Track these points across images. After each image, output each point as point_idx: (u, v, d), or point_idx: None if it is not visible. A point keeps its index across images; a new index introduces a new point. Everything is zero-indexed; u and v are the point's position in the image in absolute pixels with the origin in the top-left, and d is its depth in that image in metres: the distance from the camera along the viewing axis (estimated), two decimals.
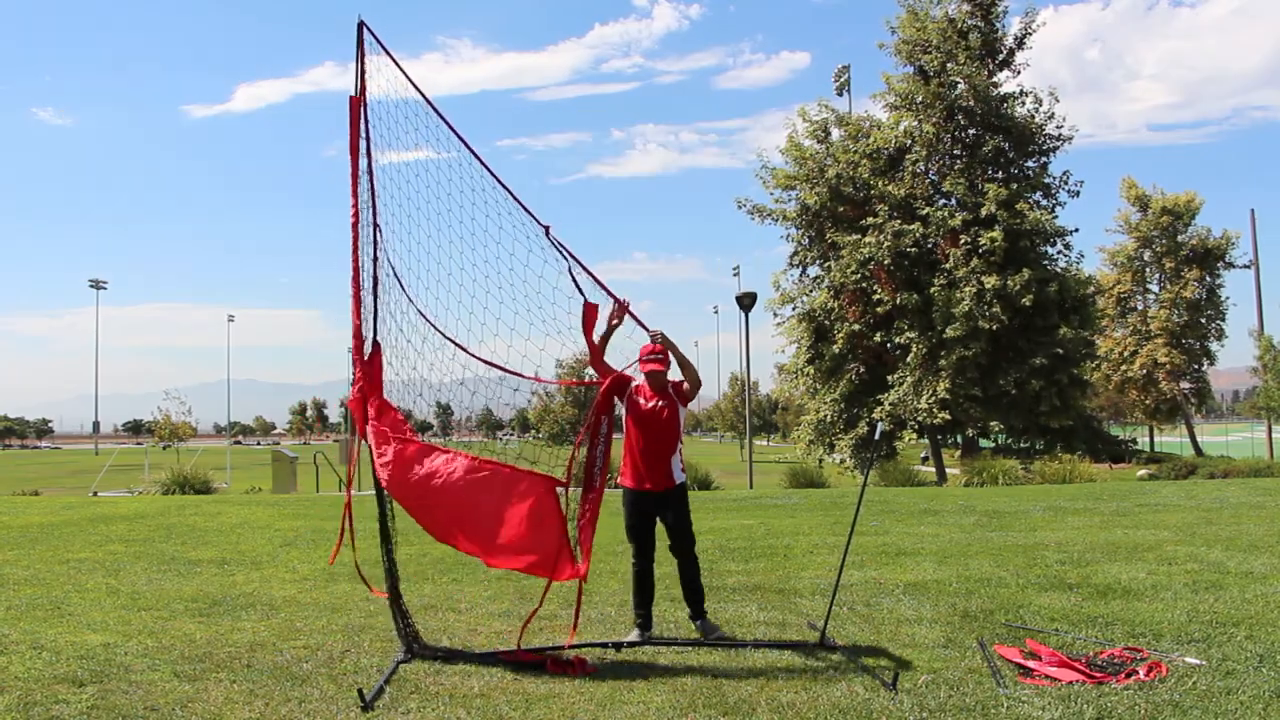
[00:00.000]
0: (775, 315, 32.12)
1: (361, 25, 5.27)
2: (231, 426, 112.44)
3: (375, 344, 5.72)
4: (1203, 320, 43.89)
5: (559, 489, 5.29)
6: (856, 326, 29.10)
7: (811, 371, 30.74)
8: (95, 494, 24.36)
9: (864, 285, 28.78)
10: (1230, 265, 43.27)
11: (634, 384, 6.03)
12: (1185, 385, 45.03)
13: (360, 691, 4.66)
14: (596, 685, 4.98)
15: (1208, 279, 43.35)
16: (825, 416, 30.32)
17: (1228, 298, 43.92)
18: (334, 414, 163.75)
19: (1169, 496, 14.66)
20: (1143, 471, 26.19)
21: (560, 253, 5.75)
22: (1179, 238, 43.72)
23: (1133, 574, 7.86)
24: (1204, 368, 45.32)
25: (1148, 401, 45.35)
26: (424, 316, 5.91)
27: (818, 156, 30.12)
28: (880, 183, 29.05)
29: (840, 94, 35.26)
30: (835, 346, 29.66)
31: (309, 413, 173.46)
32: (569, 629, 6.30)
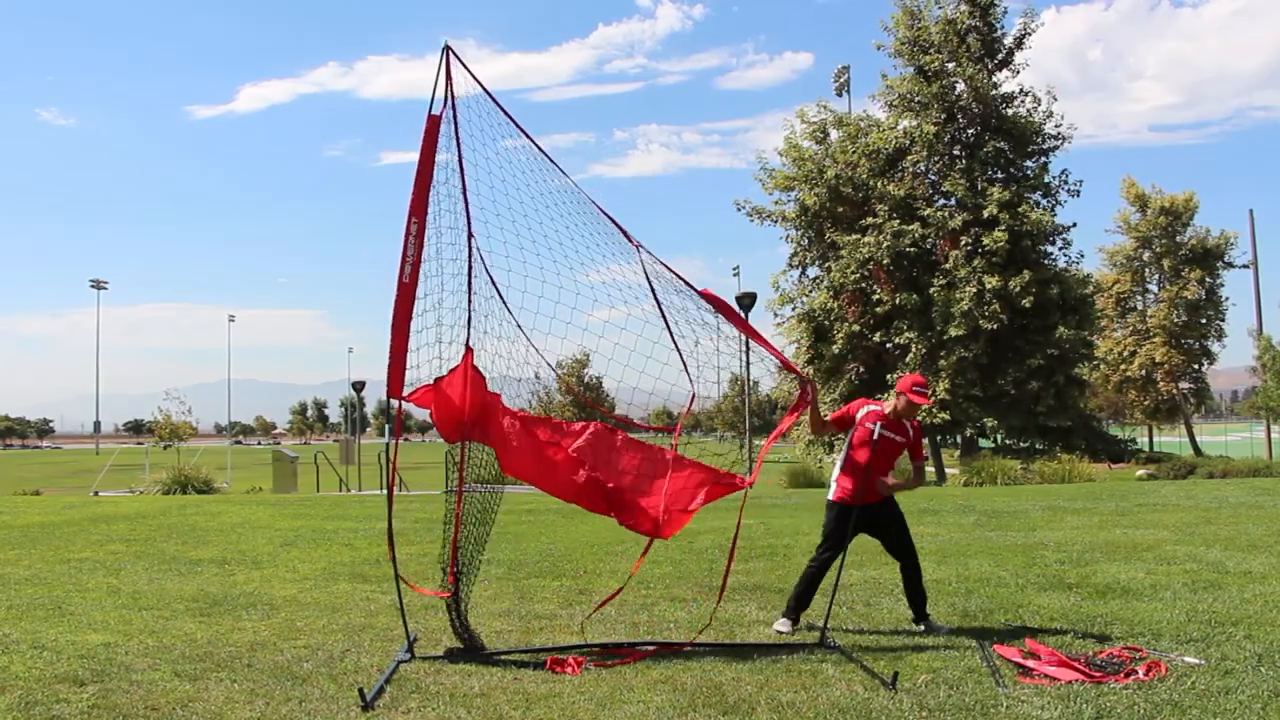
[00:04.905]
0: (775, 316, 32.17)
1: (446, 48, 5.48)
2: (232, 426, 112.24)
3: (467, 348, 5.81)
4: (1202, 320, 43.84)
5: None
6: (856, 327, 29.10)
7: (811, 372, 30.75)
8: (96, 494, 24.33)
9: (863, 285, 28.78)
10: (1229, 265, 43.25)
11: (866, 409, 6.56)
12: (1184, 385, 45.02)
13: (361, 691, 4.66)
14: (596, 685, 4.98)
15: (1207, 279, 43.31)
16: (825, 417, 30.32)
17: (1227, 298, 43.94)
18: (334, 414, 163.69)
19: (1168, 496, 14.67)
20: (1142, 471, 26.15)
21: (653, 270, 5.97)
22: (1178, 238, 43.70)
23: (1132, 574, 7.87)
24: (1203, 368, 45.29)
25: (1147, 401, 45.32)
26: (528, 340, 6.09)
27: (816, 157, 30.11)
28: (879, 183, 29.04)
29: (840, 95, 35.28)
30: (835, 347, 29.66)
31: (309, 413, 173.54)
32: (568, 629, 6.32)
